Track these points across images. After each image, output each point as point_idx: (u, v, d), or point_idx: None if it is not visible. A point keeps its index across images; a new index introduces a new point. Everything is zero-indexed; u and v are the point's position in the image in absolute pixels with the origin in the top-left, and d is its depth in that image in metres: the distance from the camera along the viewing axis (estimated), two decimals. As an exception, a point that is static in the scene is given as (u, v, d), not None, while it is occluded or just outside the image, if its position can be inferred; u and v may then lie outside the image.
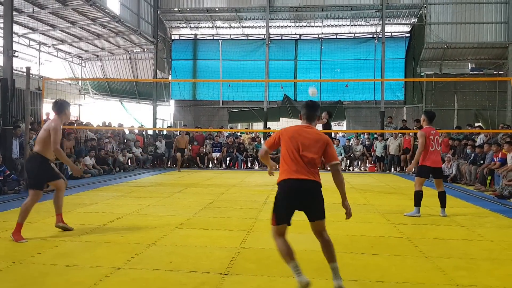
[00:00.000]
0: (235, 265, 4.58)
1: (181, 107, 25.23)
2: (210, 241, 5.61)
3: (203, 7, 22.59)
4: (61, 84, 23.36)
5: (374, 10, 21.73)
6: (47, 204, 8.32)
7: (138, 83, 25.71)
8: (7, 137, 10.88)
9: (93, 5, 16.67)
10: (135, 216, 7.26)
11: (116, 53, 25.12)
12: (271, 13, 22.14)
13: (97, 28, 20.39)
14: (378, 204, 8.94)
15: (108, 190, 10.90)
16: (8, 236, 5.65)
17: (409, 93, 23.27)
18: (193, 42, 25.24)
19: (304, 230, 6.33)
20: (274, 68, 23.43)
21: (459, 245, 5.61)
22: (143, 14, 21.45)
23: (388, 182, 13.67)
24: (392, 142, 17.59)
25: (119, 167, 16.12)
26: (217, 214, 7.58)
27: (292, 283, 4.08)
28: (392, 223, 6.92)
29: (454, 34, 21.06)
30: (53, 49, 22.93)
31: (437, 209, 8.38)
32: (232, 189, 11.20)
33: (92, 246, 5.28)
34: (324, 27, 23.83)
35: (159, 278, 4.18)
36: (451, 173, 14.04)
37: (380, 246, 5.49)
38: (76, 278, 4.11)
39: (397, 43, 23.63)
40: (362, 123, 23.44)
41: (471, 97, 21.71)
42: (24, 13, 17.25)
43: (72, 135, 14.72)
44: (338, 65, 23.83)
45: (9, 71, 11.02)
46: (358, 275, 4.31)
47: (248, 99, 24.12)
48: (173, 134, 20.30)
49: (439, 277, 4.31)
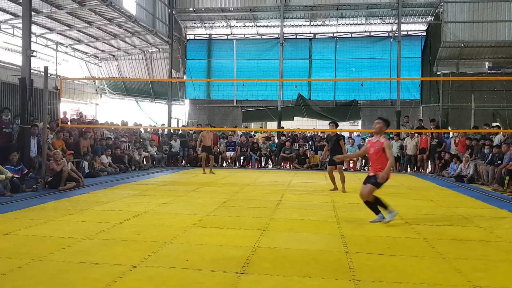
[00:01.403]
0: (251, 264, 4.59)
1: (195, 106, 25.31)
2: (225, 240, 5.63)
3: (217, 6, 22.63)
4: (78, 83, 23.61)
5: (390, 8, 21.55)
6: (64, 202, 8.44)
7: (154, 82, 25.86)
8: (25, 136, 11.02)
9: (110, 5, 16.80)
10: (151, 214, 7.31)
11: (132, 53, 25.29)
12: (286, 12, 22.09)
13: (113, 28, 20.55)
14: (394, 204, 8.82)
15: (124, 188, 10.99)
16: (27, 234, 5.74)
17: (425, 92, 23.03)
18: (208, 42, 25.30)
19: (319, 230, 6.34)
20: (288, 67, 23.37)
21: (477, 246, 5.54)
22: (158, 14, 21.57)
23: (404, 182, 13.56)
24: (409, 142, 17.46)
25: (135, 165, 16.26)
26: (232, 213, 7.60)
27: (308, 283, 4.08)
28: (408, 224, 6.86)
29: (471, 33, 20.79)
30: (70, 49, 23.16)
31: (455, 209, 8.31)
32: (246, 188, 11.22)
33: (110, 244, 5.32)
34: (339, 25, 23.69)
35: (175, 276, 4.20)
36: (468, 174, 13.88)
37: (397, 246, 5.45)
38: (94, 275, 4.15)
39: (413, 41, 23.39)
40: (378, 123, 23.22)
41: (488, 97, 21.41)
42: (42, 13, 17.44)
43: (90, 134, 14.87)
44: (353, 64, 23.68)
45: (28, 71, 11.15)
46: (374, 276, 4.28)
47: (262, 98, 24.10)
48: (188, 133, 20.39)
49: (457, 279, 4.27)
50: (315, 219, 7.16)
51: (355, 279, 4.15)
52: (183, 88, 25.34)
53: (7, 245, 5.19)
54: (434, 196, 10.35)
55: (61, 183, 10.30)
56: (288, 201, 9.16)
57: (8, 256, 4.72)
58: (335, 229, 6.39)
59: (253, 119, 24.62)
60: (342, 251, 5.13)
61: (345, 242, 5.56)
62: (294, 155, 18.95)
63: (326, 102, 23.73)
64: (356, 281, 4.10)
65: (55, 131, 13.21)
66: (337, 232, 6.15)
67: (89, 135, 14.76)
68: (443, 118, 21.33)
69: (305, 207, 8.33)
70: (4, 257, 4.67)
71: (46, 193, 9.78)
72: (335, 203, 8.90)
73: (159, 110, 26.32)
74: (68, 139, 13.47)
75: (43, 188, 10.42)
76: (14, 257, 4.67)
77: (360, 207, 8.42)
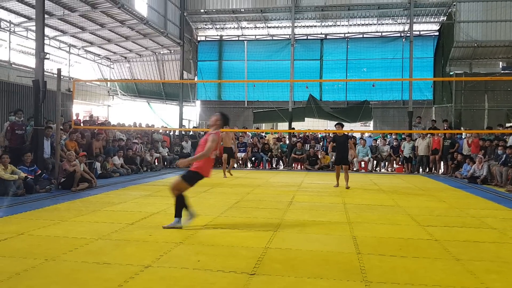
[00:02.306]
0: (262, 265, 4.59)
1: (206, 107, 25.37)
2: (236, 240, 5.64)
3: (228, 8, 22.68)
4: (90, 85, 23.81)
5: (402, 8, 21.43)
6: (77, 203, 8.51)
7: (165, 84, 26.00)
8: (39, 137, 11.13)
9: (121, 7, 16.93)
10: (162, 215, 7.34)
11: (144, 54, 25.45)
12: (297, 13, 22.07)
13: (125, 30, 20.70)
14: (407, 206, 8.82)
15: (136, 189, 11.05)
16: (41, 234, 5.80)
17: (438, 93, 22.85)
18: (219, 43, 25.35)
19: (330, 231, 6.33)
20: (300, 68, 23.32)
21: (490, 248, 5.49)
22: (170, 16, 21.68)
23: (416, 183, 13.47)
24: (420, 143, 17.33)
25: (147, 166, 16.35)
26: (243, 214, 7.61)
27: (319, 284, 4.07)
28: (421, 225, 6.81)
29: (485, 32, 20.59)
30: (82, 51, 23.37)
31: (467, 211, 8.24)
32: (257, 189, 11.22)
33: (122, 244, 5.36)
34: (351, 26, 23.61)
35: (187, 276, 4.22)
36: (481, 175, 13.74)
37: (409, 248, 5.41)
38: (107, 276, 4.19)
39: (426, 41, 23.23)
40: (390, 123, 23.13)
41: (502, 97, 21.18)
42: (55, 16, 17.63)
43: (102, 136, 14.99)
44: (364, 64, 23.57)
45: (41, 73, 11.27)
46: (386, 277, 4.26)
47: (273, 99, 24.10)
48: (199, 134, 20.44)
49: (470, 280, 4.23)
50: (326, 220, 7.14)
51: (367, 281, 4.13)
52: (194, 90, 25.43)
53: (21, 245, 5.26)
54: (446, 197, 10.26)
55: (74, 184, 10.39)
56: (299, 202, 9.15)
57: (22, 256, 4.78)
58: (346, 230, 6.37)
59: (264, 120, 24.63)
60: (353, 252, 5.11)
61: (357, 243, 5.54)
62: (305, 156, 18.91)
63: (338, 102, 23.65)
64: (368, 283, 4.08)
65: (68, 132, 13.33)
66: (349, 233, 6.13)
67: (101, 137, 14.88)
68: (456, 118, 21.15)
69: (316, 208, 8.32)
70: (18, 257, 4.73)
71: (59, 194, 9.87)
72: (346, 204, 8.87)
73: (170, 112, 26.46)
74: (80, 141, 13.59)
75: (56, 189, 10.52)
76: (28, 257, 4.72)
77: (371, 208, 8.39)
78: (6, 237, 5.59)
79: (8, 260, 4.65)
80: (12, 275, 4.16)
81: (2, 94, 13.93)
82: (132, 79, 26.52)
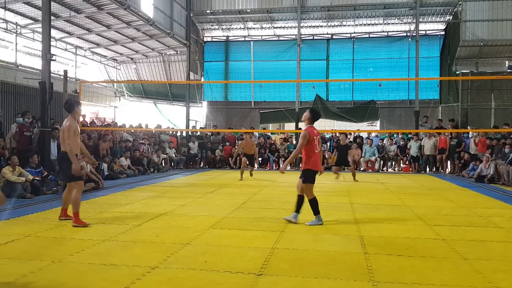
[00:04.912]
0: (269, 265, 4.59)
1: (213, 108, 25.39)
2: (243, 241, 5.64)
3: (234, 8, 22.70)
4: (97, 86, 23.90)
5: (408, 8, 21.37)
6: (84, 205, 8.52)
7: (171, 85, 26.06)
8: (46, 139, 11.20)
9: (128, 8, 16.98)
10: (169, 216, 7.36)
11: (150, 55, 25.53)
12: (303, 13, 22.06)
13: (131, 31, 20.77)
14: (414, 205, 8.78)
15: (143, 190, 11.08)
16: (47, 236, 5.83)
17: (444, 92, 22.75)
18: (225, 44, 25.38)
19: (337, 231, 6.31)
20: (306, 68, 23.31)
21: (497, 247, 5.46)
22: (176, 17, 21.73)
23: (423, 182, 13.41)
24: (426, 142, 17.26)
25: (154, 167, 16.38)
26: (250, 214, 7.61)
27: (326, 284, 4.07)
28: (428, 225, 6.78)
29: (491, 31, 20.49)
30: (89, 53, 23.47)
31: (475, 210, 8.19)
32: (264, 190, 11.22)
33: (129, 245, 5.38)
34: (357, 26, 23.55)
35: (194, 277, 4.22)
36: (488, 174, 13.66)
37: (416, 248, 5.39)
38: (114, 277, 4.20)
39: (432, 41, 23.14)
40: (396, 123, 23.05)
41: (508, 95, 21.06)
42: (61, 17, 17.72)
43: (109, 137, 15.04)
44: (371, 64, 23.51)
45: (47, 74, 11.33)
46: (393, 277, 4.25)
47: (280, 99, 24.08)
48: (205, 135, 20.46)
49: (478, 280, 4.21)
50: (333, 220, 7.13)
51: (374, 281, 4.12)
52: (200, 90, 25.46)
53: (28, 247, 5.29)
54: (453, 196, 10.21)
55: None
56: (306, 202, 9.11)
57: (29, 257, 4.81)
58: (353, 230, 6.35)
59: (271, 120, 24.63)
60: (360, 252, 5.10)
61: (364, 243, 5.52)
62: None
63: (344, 102, 23.60)
64: (375, 283, 4.07)
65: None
66: (356, 233, 6.12)
67: (108, 138, 14.93)
68: (463, 117, 21.05)
69: (323, 208, 8.26)
70: (25, 259, 4.76)
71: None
72: (353, 204, 8.85)
73: (177, 112, 26.51)
74: (87, 142, 13.64)
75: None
76: (35, 259, 4.75)
77: (378, 208, 8.37)
78: (13, 239, 5.63)
79: (15, 261, 4.67)
80: (19, 277, 4.18)
81: (9, 95, 14.02)
82: (139, 80, 26.60)
